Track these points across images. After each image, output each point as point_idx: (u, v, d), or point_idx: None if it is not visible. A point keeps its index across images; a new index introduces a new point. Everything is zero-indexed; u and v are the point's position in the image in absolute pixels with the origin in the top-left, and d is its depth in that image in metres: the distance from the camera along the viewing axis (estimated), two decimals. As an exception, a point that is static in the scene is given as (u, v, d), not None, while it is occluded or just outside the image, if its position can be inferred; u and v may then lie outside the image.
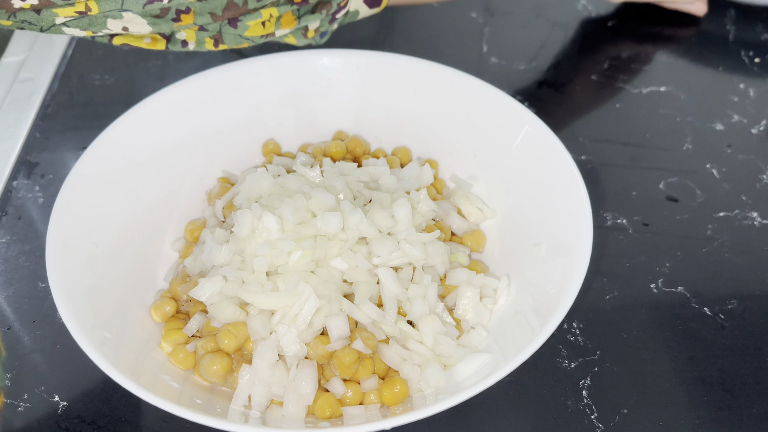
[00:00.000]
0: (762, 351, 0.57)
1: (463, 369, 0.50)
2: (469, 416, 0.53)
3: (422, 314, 0.53)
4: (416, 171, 0.62)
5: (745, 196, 0.67)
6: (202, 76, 0.63)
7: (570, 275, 0.50)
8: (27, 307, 0.59)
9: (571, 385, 0.54)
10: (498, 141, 0.62)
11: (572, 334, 0.57)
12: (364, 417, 0.49)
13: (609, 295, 0.60)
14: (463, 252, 0.58)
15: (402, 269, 0.55)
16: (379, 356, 0.52)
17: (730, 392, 0.54)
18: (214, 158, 0.65)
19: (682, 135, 0.73)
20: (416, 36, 0.86)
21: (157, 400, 0.44)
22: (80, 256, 0.52)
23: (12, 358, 0.56)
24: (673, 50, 0.83)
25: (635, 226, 0.65)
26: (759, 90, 0.78)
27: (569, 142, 0.59)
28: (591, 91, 0.78)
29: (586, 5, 0.89)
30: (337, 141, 0.65)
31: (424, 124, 0.66)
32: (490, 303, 0.55)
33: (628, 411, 0.53)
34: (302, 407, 0.49)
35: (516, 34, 0.85)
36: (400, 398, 0.50)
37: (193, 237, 0.60)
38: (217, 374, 0.50)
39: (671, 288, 0.61)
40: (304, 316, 0.50)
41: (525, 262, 0.56)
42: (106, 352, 0.47)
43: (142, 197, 0.59)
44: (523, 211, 0.59)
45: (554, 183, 0.57)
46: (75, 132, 0.74)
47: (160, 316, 0.55)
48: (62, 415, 0.52)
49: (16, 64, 0.81)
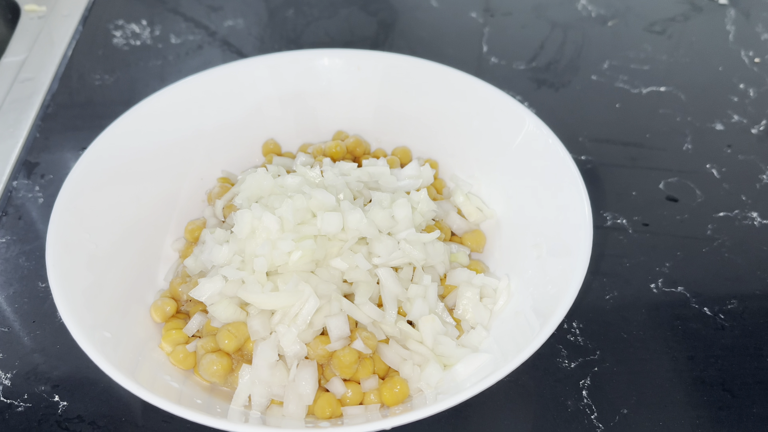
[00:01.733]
0: (762, 351, 0.57)
1: (463, 369, 0.50)
2: (469, 416, 0.53)
3: (422, 314, 0.53)
4: (416, 171, 0.62)
5: (745, 196, 0.67)
6: (202, 76, 0.63)
7: (570, 275, 0.50)
8: (27, 307, 0.59)
9: (571, 385, 0.54)
10: (498, 141, 0.62)
11: (572, 334, 0.57)
12: (364, 417, 0.49)
13: (609, 295, 0.60)
14: (463, 252, 0.58)
15: (402, 269, 0.55)
16: (379, 356, 0.52)
17: (730, 392, 0.54)
18: (214, 158, 0.65)
19: (682, 135, 0.73)
20: (416, 36, 0.86)
21: (157, 400, 0.44)
22: (80, 256, 0.52)
23: (12, 358, 0.56)
24: (673, 50, 0.83)
25: (635, 226, 0.65)
26: (759, 90, 0.78)
27: (569, 142, 0.59)
28: (591, 91, 0.78)
29: (586, 5, 0.89)
30: (337, 141, 0.65)
31: (424, 124, 0.66)
32: (490, 303, 0.55)
33: (628, 411, 0.53)
34: (302, 407, 0.49)
35: (516, 34, 0.85)
36: (400, 398, 0.50)
37: (193, 237, 0.60)
38: (217, 374, 0.50)
39: (671, 288, 0.61)
40: (304, 316, 0.50)
41: (525, 262, 0.56)
42: (106, 352, 0.47)
43: (142, 197, 0.59)
44: (523, 211, 0.59)
45: (554, 183, 0.57)
46: (75, 132, 0.74)
47: (160, 316, 0.55)
48: (62, 415, 0.52)
49: (16, 64, 0.81)
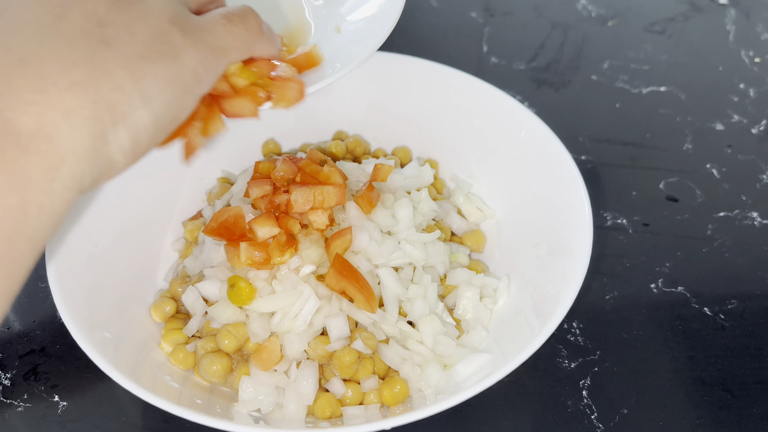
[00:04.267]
0: (762, 351, 0.57)
1: (463, 369, 0.50)
2: (469, 416, 0.53)
3: (423, 314, 0.52)
4: (416, 171, 0.62)
5: (745, 196, 0.67)
6: (202, 76, 0.63)
7: (570, 275, 0.50)
8: (27, 307, 0.59)
9: (571, 385, 0.54)
10: (498, 141, 0.62)
11: (572, 334, 0.57)
12: (364, 417, 0.49)
13: (609, 295, 0.60)
14: (463, 252, 0.58)
15: (402, 269, 0.55)
16: (379, 356, 0.52)
17: (730, 392, 0.54)
18: (214, 158, 0.65)
19: (682, 135, 0.73)
20: (416, 36, 0.86)
21: (157, 400, 0.44)
22: (80, 256, 0.52)
23: (12, 358, 0.56)
24: (673, 50, 0.83)
25: (635, 226, 0.65)
26: (759, 90, 0.78)
27: (569, 142, 0.59)
28: (591, 91, 0.78)
29: (586, 5, 0.89)
30: (337, 141, 0.65)
31: (424, 124, 0.66)
32: (490, 303, 0.55)
33: (628, 411, 0.53)
34: (302, 407, 0.49)
35: (516, 34, 0.85)
36: (400, 398, 0.50)
37: (193, 237, 0.60)
38: (216, 374, 0.50)
39: (671, 288, 0.61)
40: (304, 317, 0.50)
41: (525, 262, 0.56)
42: (106, 352, 0.47)
43: (142, 197, 0.59)
44: (523, 211, 0.59)
45: (554, 183, 0.57)
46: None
47: (160, 316, 0.55)
48: (62, 415, 0.52)
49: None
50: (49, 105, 0.30)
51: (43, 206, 0.30)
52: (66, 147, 0.30)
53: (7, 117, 0.29)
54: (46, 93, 0.30)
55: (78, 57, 0.31)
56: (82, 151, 0.31)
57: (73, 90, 0.31)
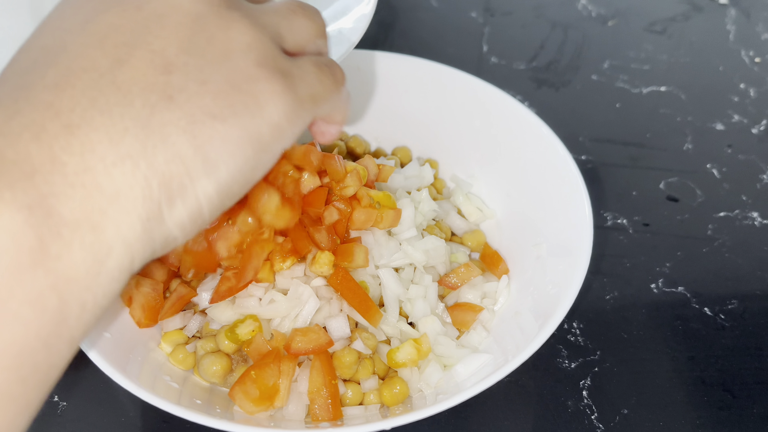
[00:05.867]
0: (762, 351, 0.57)
1: (463, 369, 0.50)
2: (469, 416, 0.53)
3: (424, 314, 0.52)
4: (416, 171, 0.62)
5: (745, 196, 0.67)
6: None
7: (570, 275, 0.50)
8: (27, 307, 0.59)
9: (571, 385, 0.54)
10: (498, 141, 0.62)
11: (572, 334, 0.57)
12: (364, 417, 0.49)
13: (609, 295, 0.60)
14: (463, 252, 0.58)
15: (403, 270, 0.54)
16: (379, 356, 0.52)
17: (730, 392, 0.54)
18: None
19: (682, 135, 0.73)
20: (416, 36, 0.86)
21: (157, 400, 0.44)
22: (80, 256, 0.52)
23: (12, 358, 0.56)
24: (673, 50, 0.83)
25: (635, 226, 0.65)
26: (759, 90, 0.78)
27: (569, 142, 0.59)
28: (591, 90, 0.78)
29: (586, 5, 0.89)
30: (337, 141, 0.65)
31: (424, 124, 0.66)
32: (490, 303, 0.55)
33: (628, 411, 0.53)
34: (302, 407, 0.49)
35: (516, 34, 0.85)
36: (400, 398, 0.50)
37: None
38: (216, 375, 0.50)
39: (671, 288, 0.61)
40: (305, 317, 0.50)
41: (525, 262, 0.56)
42: (106, 352, 0.47)
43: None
44: (523, 211, 0.59)
45: (554, 183, 0.57)
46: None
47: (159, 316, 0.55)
48: (62, 415, 0.52)
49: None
50: (95, 187, 0.26)
51: (86, 304, 0.26)
52: (113, 235, 0.26)
53: (51, 204, 0.25)
54: (93, 172, 0.26)
55: (132, 120, 0.27)
56: (133, 238, 0.27)
57: (122, 165, 0.26)
